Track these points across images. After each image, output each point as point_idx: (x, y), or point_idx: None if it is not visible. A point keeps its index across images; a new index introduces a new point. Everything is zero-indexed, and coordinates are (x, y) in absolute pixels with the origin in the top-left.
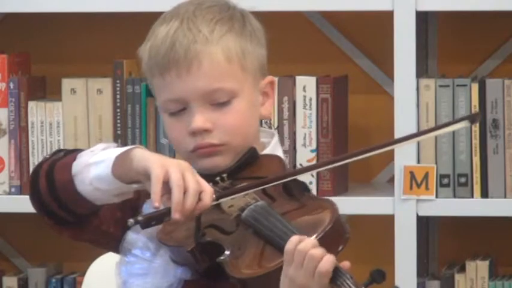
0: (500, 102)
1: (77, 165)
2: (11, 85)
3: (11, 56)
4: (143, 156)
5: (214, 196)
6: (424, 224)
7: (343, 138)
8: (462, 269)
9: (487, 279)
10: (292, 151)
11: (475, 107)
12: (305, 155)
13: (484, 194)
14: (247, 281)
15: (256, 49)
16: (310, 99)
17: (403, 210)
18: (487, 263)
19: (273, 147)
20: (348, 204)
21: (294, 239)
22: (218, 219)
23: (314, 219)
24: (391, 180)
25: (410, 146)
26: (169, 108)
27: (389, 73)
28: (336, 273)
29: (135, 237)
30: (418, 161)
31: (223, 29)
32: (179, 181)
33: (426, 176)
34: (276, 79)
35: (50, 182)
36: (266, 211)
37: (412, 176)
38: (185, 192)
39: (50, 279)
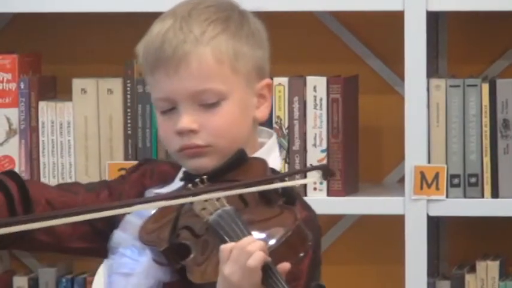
0: (510, 103)
1: None
2: (22, 85)
3: (21, 56)
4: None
5: None
6: (435, 224)
7: (353, 138)
8: (472, 269)
9: (497, 279)
10: (302, 151)
11: (486, 107)
12: (315, 155)
13: (495, 194)
14: (202, 286)
15: (252, 51)
16: (321, 100)
17: (414, 210)
18: (497, 263)
19: (269, 147)
20: (359, 204)
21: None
22: (193, 222)
23: (276, 227)
24: (402, 180)
25: (420, 146)
26: (160, 107)
27: (399, 73)
28: (268, 274)
29: (122, 236)
30: (429, 161)
31: (216, 30)
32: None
33: (436, 176)
34: (272, 82)
35: None
36: (230, 217)
37: (423, 176)
38: None
39: (61, 279)
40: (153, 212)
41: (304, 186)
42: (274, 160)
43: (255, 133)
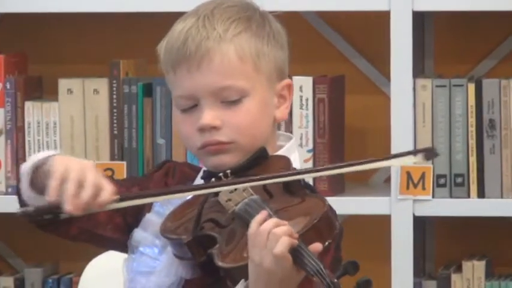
0: (496, 103)
1: (20, 175)
2: (8, 85)
3: (7, 56)
4: (52, 160)
5: (118, 197)
6: (421, 224)
7: (339, 138)
8: (459, 269)
9: (483, 279)
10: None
11: (472, 107)
12: (302, 155)
13: (481, 194)
14: (231, 270)
15: (273, 51)
16: (307, 100)
17: (400, 210)
18: (483, 263)
19: (288, 149)
20: (345, 204)
21: (258, 218)
22: (217, 213)
23: (303, 215)
24: (388, 180)
25: (406, 146)
26: (181, 105)
27: (386, 73)
28: (298, 255)
29: (143, 235)
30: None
31: (238, 28)
32: (75, 176)
33: (423, 176)
34: (292, 83)
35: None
36: (258, 205)
37: (409, 176)
38: (82, 185)
39: (47, 279)
40: (173, 209)
41: None
42: (295, 162)
43: (275, 134)
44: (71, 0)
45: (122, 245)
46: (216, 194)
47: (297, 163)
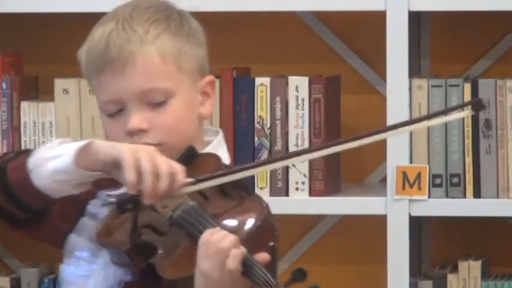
0: (492, 103)
1: (33, 161)
2: (4, 85)
3: (3, 56)
4: (108, 146)
5: (193, 179)
6: (417, 224)
7: (335, 138)
8: (455, 269)
9: (479, 279)
10: (284, 151)
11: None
12: None
13: (477, 194)
14: (175, 282)
15: (194, 49)
16: (303, 100)
17: (396, 210)
18: (479, 263)
19: (215, 145)
20: (341, 205)
21: (207, 232)
22: (154, 220)
23: (243, 219)
24: (384, 180)
25: (402, 146)
26: (107, 110)
27: (381, 73)
28: (247, 265)
29: (78, 239)
30: (411, 161)
31: (158, 29)
32: (150, 167)
33: (419, 176)
34: (214, 79)
35: (2, 181)
36: (196, 212)
37: (405, 176)
38: (158, 175)
39: (43, 279)
40: (107, 213)
41: (286, 186)
42: (223, 156)
43: (202, 130)
44: (67, 0)
45: (63, 237)
46: None
47: (225, 157)
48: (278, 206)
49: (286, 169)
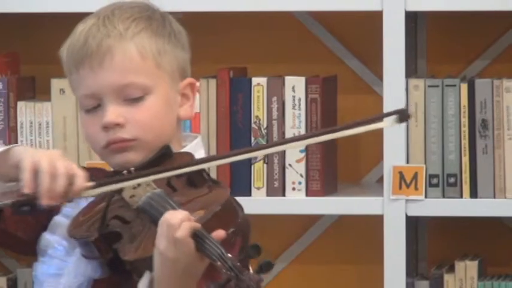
0: (489, 103)
1: None
2: (0, 85)
3: None
4: (19, 151)
5: (93, 183)
6: (413, 224)
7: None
8: (451, 269)
9: (476, 279)
10: (281, 151)
11: (464, 107)
12: (294, 155)
13: (473, 194)
14: (135, 262)
15: (174, 50)
16: (299, 100)
17: (392, 210)
18: (476, 263)
19: (191, 148)
20: (337, 205)
21: (167, 213)
22: (122, 210)
23: (206, 205)
24: (380, 180)
25: (399, 146)
26: (85, 105)
27: (378, 73)
28: (200, 240)
29: (50, 237)
30: (407, 161)
31: (139, 27)
32: (47, 167)
33: (415, 176)
34: (196, 81)
35: None
36: (161, 198)
37: (401, 176)
38: (55, 177)
39: None
40: (80, 210)
41: (283, 185)
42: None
43: (179, 132)
44: (64, 0)
45: (30, 248)
46: (120, 191)
47: None
48: (275, 206)
49: (283, 169)
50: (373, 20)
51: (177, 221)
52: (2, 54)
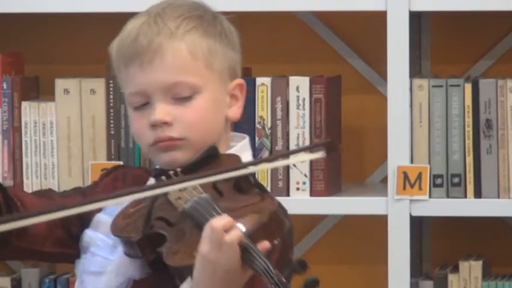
0: (493, 103)
1: None
2: (4, 85)
3: (4, 56)
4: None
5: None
6: (418, 224)
7: (336, 138)
8: (455, 269)
9: (480, 279)
10: (285, 151)
11: (469, 107)
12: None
13: (478, 194)
14: (180, 269)
15: (225, 50)
16: (304, 100)
17: (397, 210)
18: (480, 263)
19: (239, 149)
20: (342, 205)
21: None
22: (167, 211)
23: (253, 214)
24: (385, 180)
25: (403, 146)
26: (133, 102)
27: (382, 73)
28: (246, 251)
29: (93, 235)
30: (412, 161)
31: (190, 25)
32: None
33: (419, 176)
34: (244, 82)
35: None
36: (208, 203)
37: (406, 176)
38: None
39: (44, 279)
40: (123, 207)
41: (287, 185)
42: (246, 160)
43: (227, 133)
44: (68, 0)
45: (70, 257)
46: (166, 193)
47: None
48: None
49: (287, 169)
50: (377, 20)
51: (225, 225)
52: (6, 54)
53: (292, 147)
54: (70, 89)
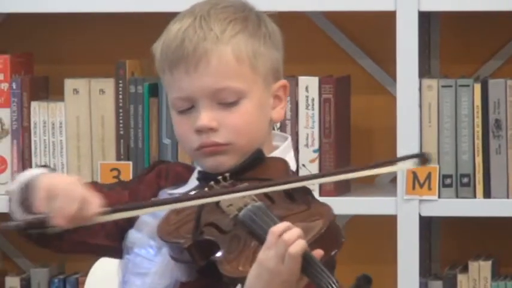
0: (502, 103)
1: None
2: (14, 85)
3: (13, 56)
4: (38, 178)
5: (107, 209)
6: (427, 224)
7: (345, 138)
8: (465, 269)
9: (489, 279)
10: (294, 151)
11: (478, 107)
12: (308, 155)
13: (487, 194)
14: (238, 280)
15: (269, 52)
16: (313, 100)
17: (406, 210)
18: (489, 263)
19: (283, 150)
20: (351, 205)
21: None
22: (217, 218)
23: (309, 224)
24: (394, 180)
25: (412, 146)
26: (178, 106)
27: (391, 73)
28: (308, 261)
29: (138, 235)
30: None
31: (235, 29)
32: (62, 191)
33: (429, 176)
34: (288, 83)
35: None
36: (263, 212)
37: (415, 176)
38: (68, 199)
39: (53, 279)
40: (169, 210)
41: None
42: (290, 161)
43: (271, 135)
44: (77, 0)
45: (115, 251)
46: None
47: (292, 163)
48: None
49: (296, 169)
50: (386, 20)
51: (293, 237)
52: (16, 54)
53: (301, 147)
54: (79, 88)
